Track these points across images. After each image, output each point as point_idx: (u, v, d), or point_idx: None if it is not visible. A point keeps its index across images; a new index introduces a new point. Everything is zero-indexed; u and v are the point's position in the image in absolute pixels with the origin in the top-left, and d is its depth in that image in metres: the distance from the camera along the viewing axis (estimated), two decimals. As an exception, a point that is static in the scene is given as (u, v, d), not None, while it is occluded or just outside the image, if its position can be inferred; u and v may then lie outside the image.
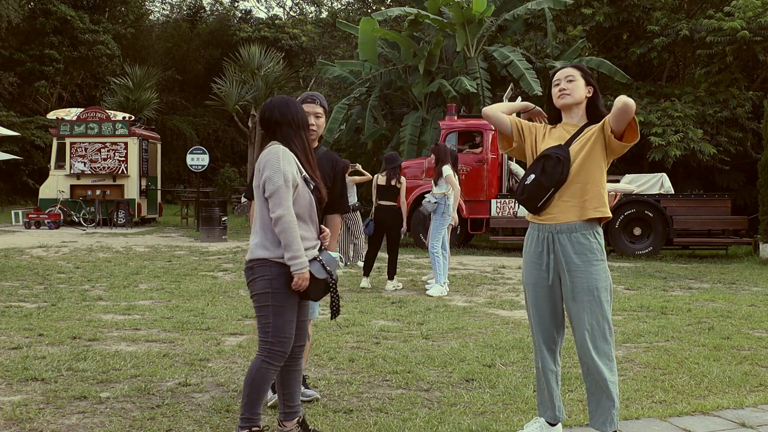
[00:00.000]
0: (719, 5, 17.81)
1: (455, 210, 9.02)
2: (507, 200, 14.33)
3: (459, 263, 11.74)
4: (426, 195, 9.12)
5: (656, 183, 14.27)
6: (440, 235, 8.90)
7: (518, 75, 16.84)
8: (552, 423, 3.58)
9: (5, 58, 28.53)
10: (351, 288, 9.07)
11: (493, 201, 14.45)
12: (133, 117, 21.85)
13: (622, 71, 17.57)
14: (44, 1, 29.08)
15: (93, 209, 20.00)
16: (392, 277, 9.13)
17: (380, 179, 9.30)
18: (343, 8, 31.27)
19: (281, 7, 53.82)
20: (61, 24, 29.27)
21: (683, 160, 16.41)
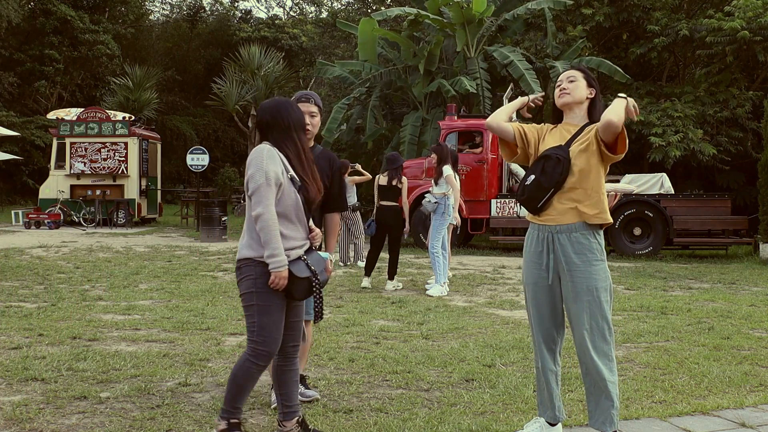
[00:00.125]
0: (719, 5, 17.81)
1: (456, 210, 9.01)
2: (507, 200, 14.33)
3: (459, 263, 11.74)
4: (426, 195, 9.11)
5: (656, 183, 14.27)
6: (440, 235, 8.89)
7: (518, 75, 16.84)
8: (552, 423, 3.58)
9: (5, 58, 28.53)
10: (351, 288, 9.07)
11: (493, 201, 14.45)
12: (133, 117, 21.85)
13: (622, 71, 17.58)
14: (44, 1, 29.07)
15: (93, 209, 20.00)
16: (392, 278, 9.13)
17: (381, 179, 9.29)
18: (343, 8, 31.26)
19: (281, 7, 53.87)
20: (61, 24, 29.26)
21: (683, 160, 16.41)
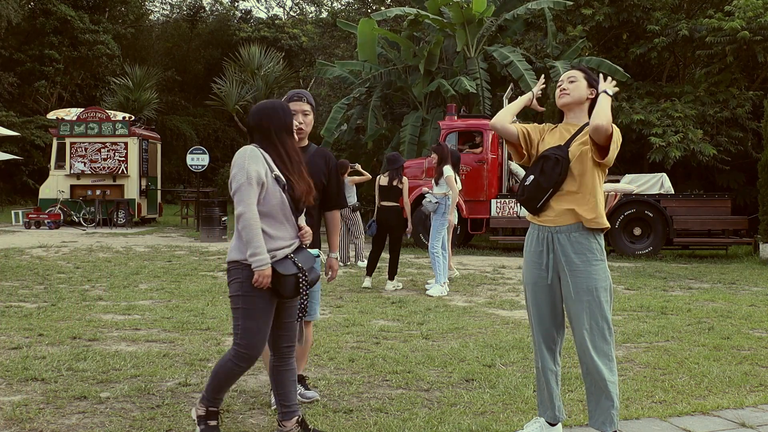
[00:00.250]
0: (719, 5, 17.80)
1: (453, 211, 9.00)
2: (507, 200, 14.33)
3: (459, 263, 11.73)
4: (426, 195, 9.11)
5: (656, 183, 14.26)
6: (440, 235, 8.89)
7: (518, 75, 16.84)
8: (552, 423, 3.58)
9: (5, 58, 28.52)
10: (351, 288, 9.07)
11: (493, 201, 14.44)
12: (133, 117, 21.85)
13: (623, 70, 17.58)
14: (44, 1, 29.06)
15: (93, 209, 20.00)
16: (392, 278, 9.13)
17: (382, 180, 9.29)
18: (343, 8, 31.25)
19: (281, 7, 53.84)
20: (61, 24, 29.25)
21: (683, 160, 16.40)
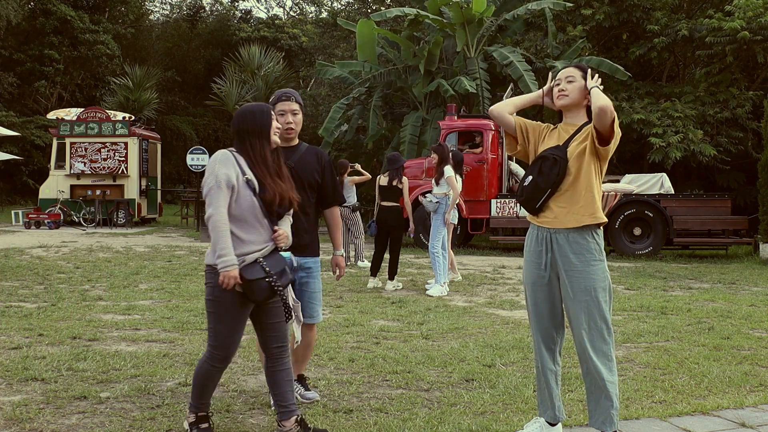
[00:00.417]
0: (719, 5, 17.80)
1: (451, 211, 9.01)
2: (507, 200, 14.33)
3: (459, 263, 11.72)
4: (426, 194, 9.09)
5: (656, 183, 14.26)
6: (440, 235, 8.88)
7: (517, 76, 16.83)
8: (552, 423, 3.58)
9: (5, 58, 28.51)
10: (351, 288, 9.07)
11: (493, 201, 14.44)
12: (133, 117, 21.85)
13: (623, 69, 17.58)
14: (44, 1, 29.05)
15: (93, 209, 20.00)
16: (392, 278, 9.13)
17: (382, 180, 9.29)
18: (343, 8, 31.24)
19: (281, 7, 53.83)
20: (61, 24, 29.24)
21: (683, 161, 16.41)
